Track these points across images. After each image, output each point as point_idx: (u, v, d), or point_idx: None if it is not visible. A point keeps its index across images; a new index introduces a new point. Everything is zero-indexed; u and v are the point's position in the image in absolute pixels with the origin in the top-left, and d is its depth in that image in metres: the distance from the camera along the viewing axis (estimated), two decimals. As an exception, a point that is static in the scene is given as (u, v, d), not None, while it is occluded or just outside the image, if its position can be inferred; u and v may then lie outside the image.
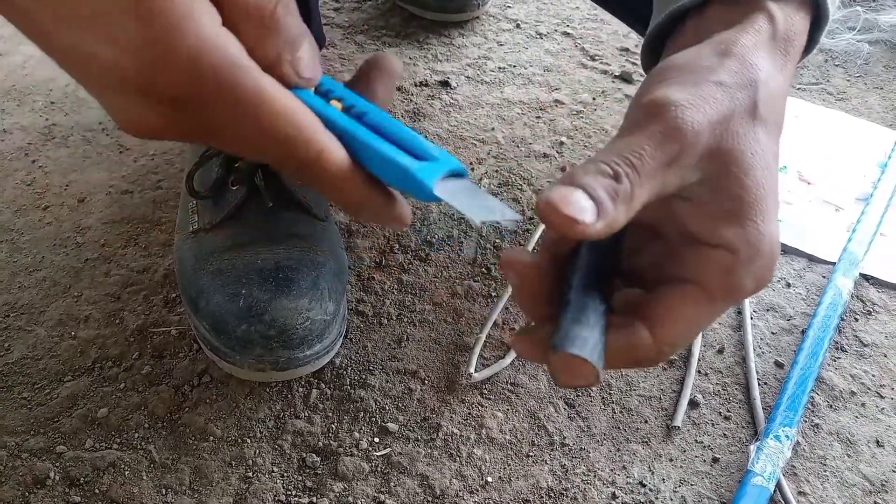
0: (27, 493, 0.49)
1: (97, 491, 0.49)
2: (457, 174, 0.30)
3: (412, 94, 0.79)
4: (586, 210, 0.27)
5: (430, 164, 0.30)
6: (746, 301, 0.62)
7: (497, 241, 0.66)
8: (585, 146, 0.75)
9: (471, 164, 0.73)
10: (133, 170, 0.71)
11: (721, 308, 0.32)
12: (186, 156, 0.67)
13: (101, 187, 0.69)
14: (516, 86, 0.81)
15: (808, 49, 0.38)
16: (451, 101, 0.79)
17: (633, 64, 0.85)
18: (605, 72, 0.84)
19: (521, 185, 0.71)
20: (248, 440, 0.52)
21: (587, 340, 0.29)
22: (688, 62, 0.32)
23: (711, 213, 0.31)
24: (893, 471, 0.53)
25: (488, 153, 0.74)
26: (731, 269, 0.30)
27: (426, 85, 0.80)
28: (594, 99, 0.80)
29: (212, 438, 0.52)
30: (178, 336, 0.58)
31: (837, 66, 0.87)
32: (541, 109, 0.79)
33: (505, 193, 0.70)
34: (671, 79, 0.31)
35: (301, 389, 0.55)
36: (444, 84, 0.81)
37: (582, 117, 0.78)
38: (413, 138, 0.31)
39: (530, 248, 0.65)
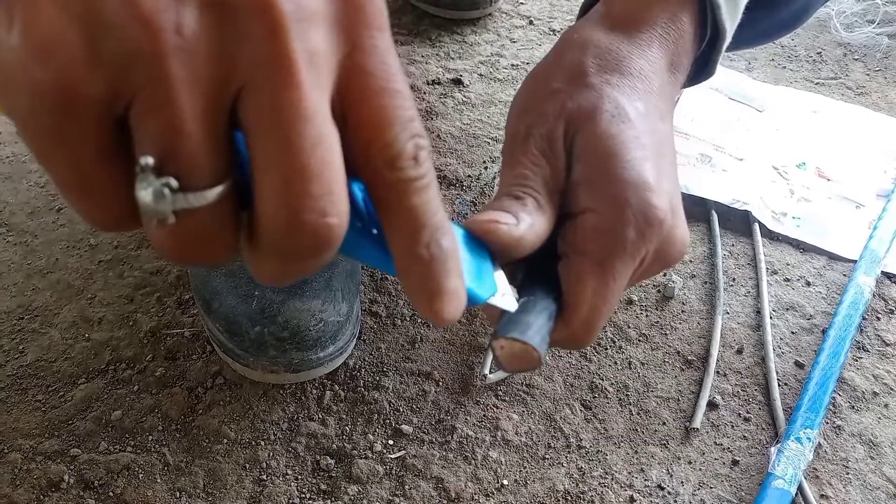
0: (42, 496, 0.49)
1: (111, 494, 0.49)
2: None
3: (424, 93, 0.79)
4: (511, 220, 0.32)
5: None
6: (766, 301, 0.61)
7: (511, 240, 0.65)
8: (600, 144, 0.74)
9: (484, 162, 0.72)
10: (146, 171, 0.71)
11: (617, 271, 0.33)
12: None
13: (114, 188, 0.69)
14: (529, 83, 0.81)
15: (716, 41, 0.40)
16: (464, 98, 0.78)
17: (648, 60, 0.84)
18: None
19: (535, 183, 0.70)
20: (262, 442, 0.52)
21: (529, 325, 0.31)
22: (528, 86, 0.38)
23: (573, 186, 0.34)
24: (918, 473, 0.52)
25: (502, 151, 0.73)
26: (599, 226, 0.33)
27: (439, 83, 0.80)
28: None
29: (226, 441, 0.52)
30: (192, 338, 0.57)
31: (857, 59, 0.85)
32: (554, 107, 0.78)
33: (519, 192, 0.69)
34: (522, 109, 0.37)
35: (315, 391, 0.55)
36: (457, 82, 0.80)
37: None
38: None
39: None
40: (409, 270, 0.23)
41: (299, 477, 0.51)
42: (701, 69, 0.41)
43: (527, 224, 0.32)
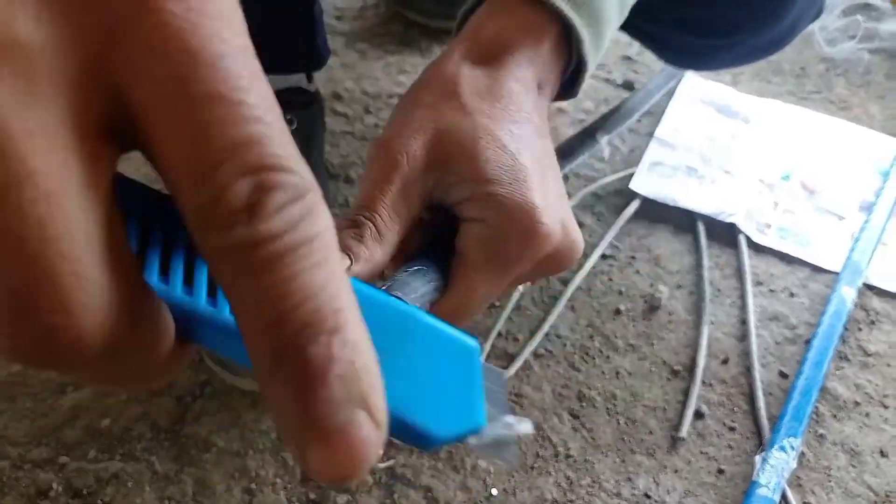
0: (29, 506, 0.49)
1: (100, 502, 0.49)
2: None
3: (414, 103, 0.79)
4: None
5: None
6: (751, 311, 0.62)
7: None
8: (588, 154, 0.75)
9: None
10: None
11: (495, 278, 0.34)
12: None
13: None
14: (518, 94, 0.81)
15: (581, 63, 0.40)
16: (454, 109, 0.79)
17: (636, 73, 0.85)
18: (607, 80, 0.84)
19: (523, 193, 0.71)
20: (251, 451, 0.52)
21: (416, 290, 0.32)
22: (400, 103, 0.38)
23: (462, 201, 0.35)
24: (899, 482, 0.52)
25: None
26: (483, 236, 0.34)
27: (428, 93, 0.80)
28: (596, 107, 0.80)
29: (214, 450, 0.52)
30: (181, 346, 0.57)
31: (839, 75, 0.87)
32: (543, 118, 0.79)
33: (508, 202, 0.70)
34: (389, 121, 0.37)
35: (304, 400, 0.55)
36: (447, 92, 0.81)
37: (585, 125, 0.78)
38: None
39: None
40: (268, 393, 0.14)
41: (288, 486, 0.51)
42: (566, 90, 0.42)
43: (365, 258, 0.33)
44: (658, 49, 0.59)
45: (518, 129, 0.35)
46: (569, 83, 0.41)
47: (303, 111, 0.59)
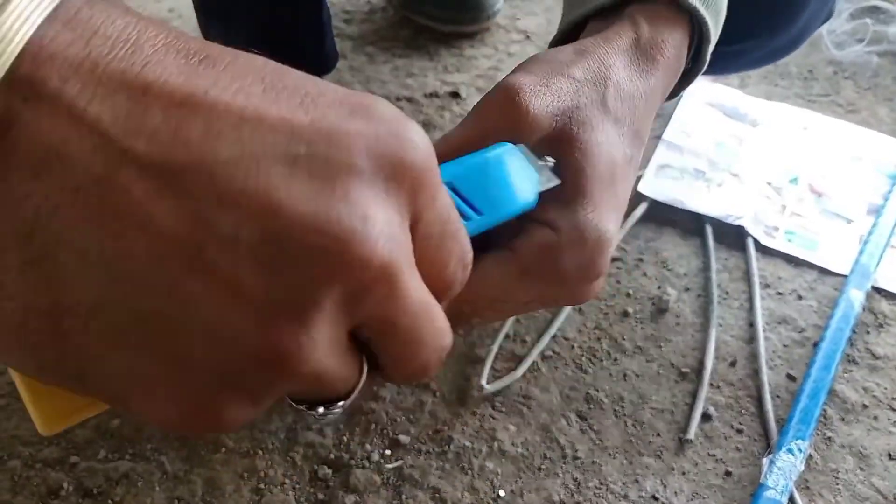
0: (41, 504, 0.49)
1: (110, 501, 0.49)
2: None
3: (423, 106, 0.79)
4: None
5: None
6: (759, 314, 0.62)
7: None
8: (595, 157, 0.75)
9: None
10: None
11: (535, 286, 0.31)
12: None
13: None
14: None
15: (697, 65, 0.39)
16: (462, 112, 0.79)
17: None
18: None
19: (531, 196, 0.71)
20: (260, 452, 0.53)
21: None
22: (550, 58, 0.35)
23: (546, 194, 0.31)
24: (907, 485, 0.52)
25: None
26: (550, 246, 0.31)
27: (436, 96, 0.81)
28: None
29: (224, 450, 0.53)
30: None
31: (847, 78, 0.87)
32: (551, 121, 0.79)
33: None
34: (529, 68, 0.34)
35: (313, 401, 0.55)
36: (455, 95, 0.81)
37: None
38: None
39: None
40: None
41: (297, 486, 0.51)
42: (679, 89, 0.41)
43: None
44: None
45: (631, 148, 0.33)
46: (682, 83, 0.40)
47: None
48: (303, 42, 0.60)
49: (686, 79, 0.41)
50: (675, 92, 0.41)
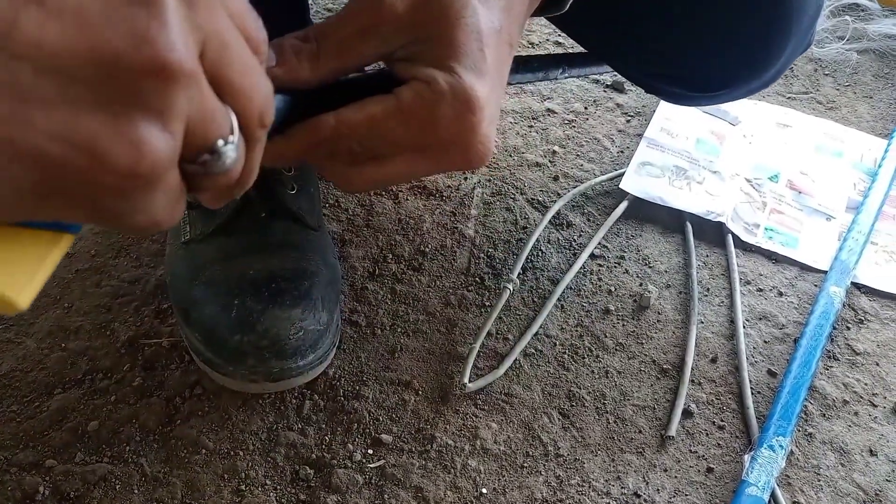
0: (16, 508, 0.48)
1: None
2: None
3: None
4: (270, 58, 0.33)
5: None
6: (739, 310, 0.62)
7: (490, 250, 0.66)
8: (578, 155, 0.75)
9: (464, 173, 0.73)
10: (124, 179, 0.70)
11: (412, 128, 0.34)
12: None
13: (92, 197, 0.69)
14: (508, 95, 0.82)
15: None
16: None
17: (625, 73, 0.85)
18: (596, 81, 0.84)
19: (513, 194, 0.71)
20: (241, 453, 0.52)
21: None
22: None
23: (419, 60, 0.34)
24: (887, 480, 0.53)
25: None
26: (423, 96, 0.33)
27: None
28: (586, 108, 0.80)
29: (204, 451, 0.52)
30: (170, 347, 0.57)
31: (827, 75, 0.88)
32: (533, 119, 0.79)
33: (497, 203, 0.70)
34: None
35: (294, 401, 0.55)
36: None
37: (574, 126, 0.78)
38: None
39: (522, 260, 0.65)
40: None
41: (278, 487, 0.51)
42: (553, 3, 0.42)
43: (288, 68, 0.33)
44: (653, 92, 0.59)
45: (498, 19, 0.35)
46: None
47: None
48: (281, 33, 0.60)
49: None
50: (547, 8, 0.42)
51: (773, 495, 0.50)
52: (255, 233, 0.55)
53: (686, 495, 0.51)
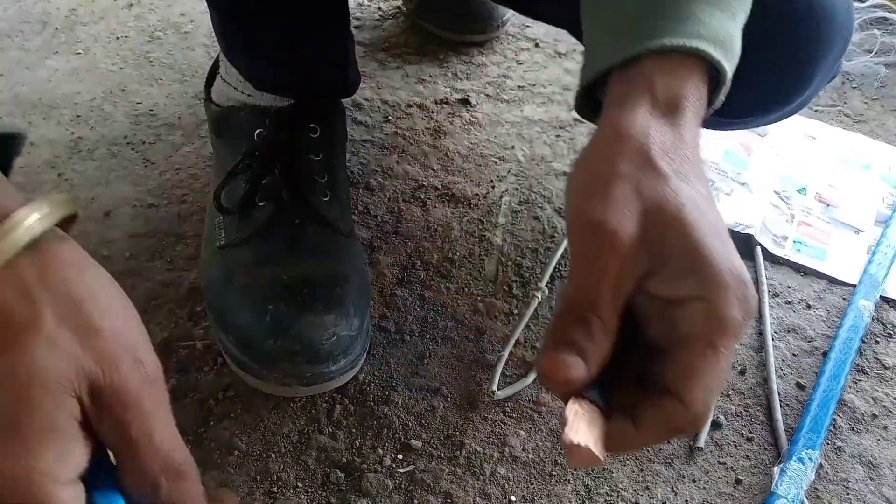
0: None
1: (123, 504, 0.50)
2: None
3: (433, 112, 0.80)
4: (576, 365, 0.32)
5: None
6: (768, 323, 0.62)
7: (518, 258, 0.67)
8: (605, 165, 0.76)
9: (491, 181, 0.73)
10: (158, 184, 0.72)
11: (727, 349, 0.33)
12: (212, 171, 0.68)
13: (127, 201, 0.70)
14: (536, 104, 0.82)
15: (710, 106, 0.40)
16: (472, 119, 0.80)
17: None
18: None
19: (541, 203, 0.72)
20: (273, 455, 0.53)
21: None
22: (590, 166, 0.36)
23: (671, 276, 0.33)
24: (917, 495, 0.53)
25: (508, 171, 0.74)
26: (710, 312, 0.32)
27: (447, 103, 0.81)
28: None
29: (237, 453, 0.53)
30: (203, 350, 0.58)
31: (855, 88, 0.87)
32: (560, 128, 0.79)
33: (525, 211, 0.71)
34: (587, 192, 0.35)
35: (325, 405, 0.56)
36: (465, 102, 0.81)
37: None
38: None
39: (550, 269, 0.65)
40: None
41: (309, 490, 0.51)
42: None
43: (596, 360, 0.32)
44: None
45: (704, 189, 0.35)
46: None
47: (326, 118, 0.60)
48: (326, 70, 0.61)
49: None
50: None
51: (802, 508, 0.50)
52: (289, 239, 0.56)
53: (715, 506, 0.51)
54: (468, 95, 0.82)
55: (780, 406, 0.57)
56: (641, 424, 0.33)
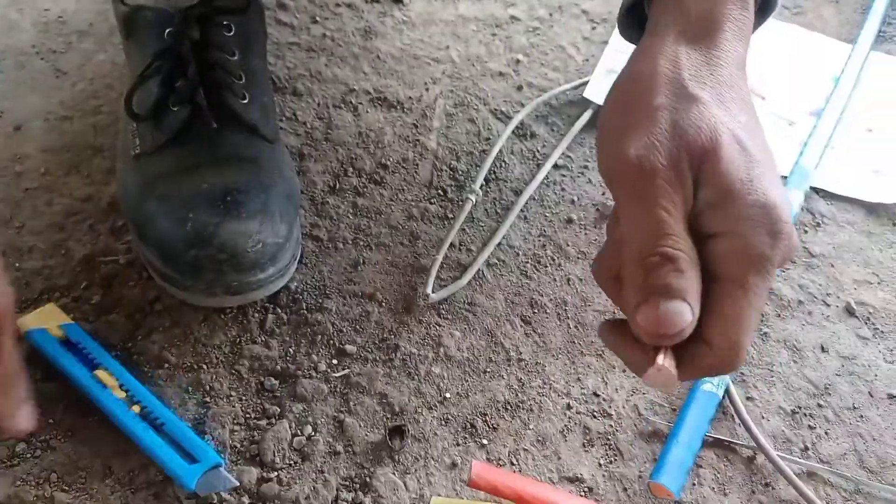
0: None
1: (51, 420, 0.49)
2: (216, 466, 0.46)
3: (363, 11, 0.76)
4: (684, 312, 0.31)
5: (194, 467, 0.45)
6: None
7: (453, 162, 0.65)
8: (542, 63, 0.74)
9: (425, 83, 0.71)
10: (71, 95, 0.68)
11: (759, 287, 0.32)
12: (125, 77, 0.64)
13: (39, 114, 0.66)
14: (471, 2, 0.79)
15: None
16: (404, 18, 0.76)
17: None
18: None
19: (476, 105, 0.70)
20: (205, 366, 0.52)
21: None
22: (624, 101, 0.35)
23: (704, 209, 0.32)
24: (837, 374, 0.55)
25: (443, 72, 0.72)
26: (737, 247, 0.31)
27: (377, 1, 0.78)
28: (551, 15, 0.78)
29: (167, 366, 0.52)
30: (127, 264, 0.56)
31: (795, -21, 0.86)
32: (496, 26, 0.77)
33: (460, 114, 0.69)
34: (625, 130, 0.33)
35: (257, 315, 0.55)
36: (397, 0, 0.78)
37: (538, 34, 0.76)
38: (188, 438, 0.47)
39: (484, 171, 0.64)
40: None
41: (243, 398, 0.51)
42: None
43: (693, 296, 0.31)
44: None
45: (745, 117, 0.33)
46: None
47: (239, 14, 0.57)
48: None
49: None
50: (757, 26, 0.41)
51: (727, 391, 0.52)
52: (208, 144, 0.54)
53: (643, 393, 0.53)
54: (400, -6, 0.78)
55: (710, 296, 0.58)
56: (691, 374, 0.33)
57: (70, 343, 0.50)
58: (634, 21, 0.42)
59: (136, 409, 0.47)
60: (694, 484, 0.49)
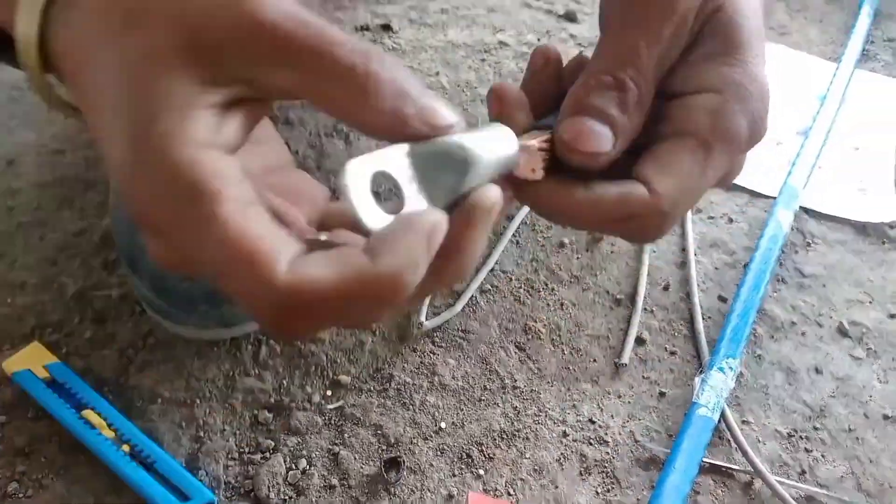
0: (-29, 466, 0.48)
1: (44, 458, 0.48)
2: None
3: (353, 40, 0.77)
4: (604, 137, 0.28)
5: None
6: (690, 239, 0.63)
7: (444, 188, 0.66)
8: (531, 89, 0.74)
9: (415, 110, 0.71)
10: (63, 128, 0.68)
11: (718, 158, 0.30)
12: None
13: (31, 148, 0.66)
14: (460, 28, 0.80)
15: None
16: (394, 45, 0.77)
17: (577, 2, 0.84)
18: (549, 11, 0.82)
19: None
20: (198, 400, 0.52)
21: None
22: None
23: (702, 58, 0.30)
24: (832, 396, 0.55)
25: None
26: (720, 109, 0.29)
27: (367, 29, 0.78)
28: (539, 40, 0.79)
29: (160, 401, 0.52)
30: (120, 299, 0.56)
31: (779, 0, 0.87)
32: (486, 52, 0.77)
33: (451, 140, 0.69)
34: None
35: (250, 347, 0.55)
36: (386, 28, 0.78)
37: (528, 59, 0.77)
38: (179, 476, 0.47)
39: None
40: None
41: (237, 432, 0.51)
42: None
43: (625, 137, 0.28)
44: None
45: (756, 4, 0.32)
46: None
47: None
48: None
49: None
50: None
51: (722, 415, 0.52)
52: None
53: (639, 419, 0.53)
54: (390, 20, 0.79)
55: (703, 319, 0.58)
56: (600, 195, 0.29)
57: (56, 383, 0.50)
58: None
59: (125, 448, 0.47)
60: (691, 510, 0.49)
